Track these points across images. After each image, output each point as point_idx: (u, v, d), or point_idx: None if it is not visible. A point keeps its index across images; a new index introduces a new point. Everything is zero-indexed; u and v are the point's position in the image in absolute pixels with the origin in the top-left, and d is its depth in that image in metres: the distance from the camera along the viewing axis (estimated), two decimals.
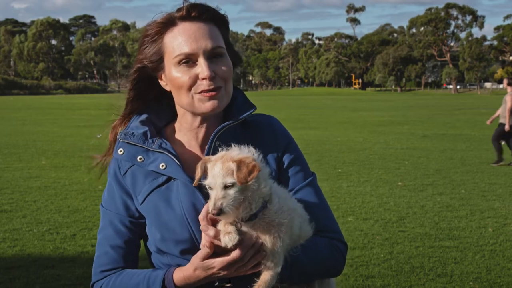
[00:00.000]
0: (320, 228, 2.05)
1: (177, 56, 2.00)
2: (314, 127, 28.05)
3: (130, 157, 2.07)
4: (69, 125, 28.91)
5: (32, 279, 6.17)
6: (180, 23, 2.02)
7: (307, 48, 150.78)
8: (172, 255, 2.00)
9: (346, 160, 16.07)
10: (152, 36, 2.06)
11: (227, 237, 1.79)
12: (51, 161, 15.59)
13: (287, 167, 2.11)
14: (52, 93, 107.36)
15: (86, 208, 9.60)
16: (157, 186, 2.03)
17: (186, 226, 1.97)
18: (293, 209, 1.91)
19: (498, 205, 10.01)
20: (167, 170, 2.01)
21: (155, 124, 2.15)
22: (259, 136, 2.11)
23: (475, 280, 6.24)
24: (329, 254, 2.03)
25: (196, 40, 1.99)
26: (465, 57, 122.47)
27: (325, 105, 55.65)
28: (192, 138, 2.11)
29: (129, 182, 2.07)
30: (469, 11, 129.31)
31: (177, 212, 1.98)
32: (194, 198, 1.98)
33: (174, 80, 2.02)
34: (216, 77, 1.99)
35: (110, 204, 2.10)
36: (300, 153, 2.18)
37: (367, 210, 9.54)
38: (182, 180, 1.99)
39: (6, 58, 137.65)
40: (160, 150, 2.04)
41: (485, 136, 23.30)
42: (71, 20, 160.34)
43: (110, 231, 2.08)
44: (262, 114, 2.20)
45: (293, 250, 1.92)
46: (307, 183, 2.12)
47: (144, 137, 2.07)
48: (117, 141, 2.11)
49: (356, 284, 6.09)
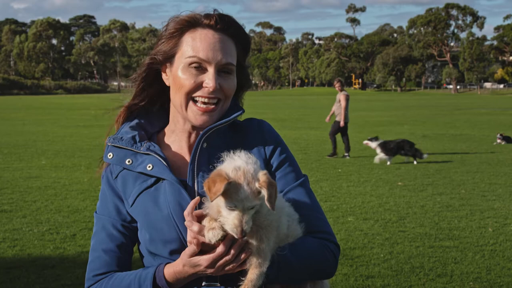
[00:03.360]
0: (311, 229, 2.02)
1: (190, 57, 2.01)
2: (314, 127, 28.04)
3: (119, 160, 2.09)
4: (69, 125, 28.92)
5: (32, 279, 6.17)
6: (204, 28, 2.04)
7: (307, 48, 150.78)
8: (161, 257, 2.01)
9: (346, 160, 16.09)
10: (172, 32, 2.06)
11: (211, 233, 1.80)
12: (51, 161, 15.59)
13: (277, 168, 2.10)
14: (52, 93, 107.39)
15: (86, 208, 9.60)
16: (146, 188, 2.05)
17: (173, 225, 1.98)
18: (280, 207, 1.90)
19: (498, 205, 10.01)
20: (153, 171, 2.03)
21: (146, 130, 2.17)
22: (248, 138, 2.12)
23: (475, 280, 6.24)
24: (319, 254, 2.00)
25: (214, 50, 2.00)
26: (465, 57, 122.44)
27: (325, 105, 55.62)
28: (183, 139, 2.12)
29: (120, 185, 2.09)
30: (470, 11, 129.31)
31: (164, 212, 1.99)
32: (180, 198, 1.99)
33: (178, 79, 2.03)
34: (218, 89, 2.01)
35: (103, 208, 2.12)
36: (290, 155, 2.16)
37: (367, 210, 9.54)
38: (169, 180, 2.01)
39: (7, 58, 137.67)
40: (148, 152, 2.06)
41: (485, 136, 23.31)
42: (71, 20, 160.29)
43: (103, 236, 2.09)
44: (253, 118, 2.21)
45: (281, 249, 1.90)
46: (298, 184, 2.10)
47: (132, 141, 2.09)
48: (106, 146, 2.13)
49: (356, 284, 6.09)
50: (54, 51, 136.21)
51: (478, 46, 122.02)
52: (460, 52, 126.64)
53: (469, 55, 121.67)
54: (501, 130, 22.40)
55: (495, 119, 35.17)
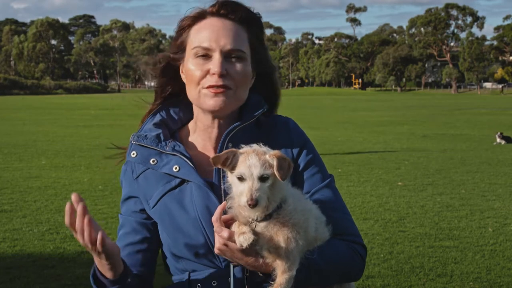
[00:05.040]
0: (338, 231, 1.99)
1: (195, 48, 1.98)
2: (314, 127, 28.03)
3: (143, 160, 2.04)
4: (69, 125, 28.90)
5: (32, 279, 6.17)
6: (208, 17, 2.01)
7: (307, 48, 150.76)
8: (187, 260, 1.98)
9: (346, 160, 16.07)
10: (182, 29, 2.05)
11: (242, 237, 1.75)
12: (51, 161, 15.59)
13: (303, 169, 2.05)
14: (52, 93, 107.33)
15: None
16: (170, 189, 2.00)
17: (200, 229, 1.93)
18: (308, 210, 1.86)
19: (498, 205, 10.01)
20: (180, 172, 1.98)
21: (169, 126, 2.12)
22: (273, 136, 2.06)
23: (475, 280, 6.24)
24: (348, 257, 1.97)
25: (218, 37, 1.96)
26: (465, 57, 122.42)
27: (325, 105, 55.61)
28: (206, 138, 2.07)
29: (141, 185, 2.05)
30: (470, 11, 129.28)
31: (191, 215, 1.95)
32: (208, 201, 1.94)
33: (188, 72, 2.01)
34: (227, 76, 1.96)
35: (126, 207, 2.10)
36: (316, 154, 2.11)
37: (367, 210, 9.54)
38: (196, 182, 1.96)
39: (7, 58, 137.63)
40: (173, 153, 2.01)
41: (485, 136, 23.30)
42: (71, 20, 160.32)
43: (121, 233, 2.09)
44: (278, 115, 2.17)
45: (310, 253, 1.86)
46: (325, 185, 2.05)
47: (157, 140, 2.05)
48: (130, 144, 2.09)
49: (356, 284, 6.06)
50: (54, 51, 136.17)
51: (478, 46, 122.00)
52: (460, 52, 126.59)
53: (469, 55, 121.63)
54: (501, 130, 22.38)
55: (495, 119, 35.16)
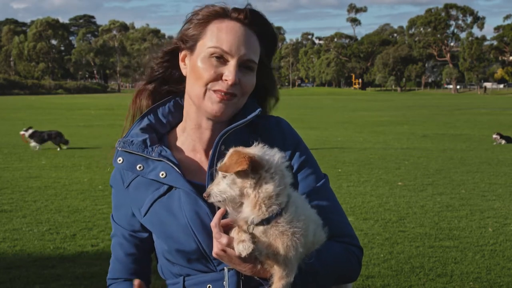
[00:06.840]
0: (334, 233, 1.98)
1: (213, 48, 1.93)
2: (314, 127, 28.04)
3: (130, 166, 2.01)
4: (69, 125, 28.89)
5: (32, 279, 6.17)
6: (232, 20, 1.97)
7: (307, 48, 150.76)
8: (180, 265, 1.98)
9: (346, 160, 16.07)
10: (200, 18, 1.99)
11: (241, 246, 1.73)
12: (51, 161, 15.59)
13: (297, 170, 2.03)
14: (52, 93, 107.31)
15: (86, 208, 9.60)
16: (159, 197, 1.98)
17: (191, 235, 1.92)
18: (307, 215, 1.85)
19: (498, 205, 10.01)
20: (167, 179, 1.96)
21: (157, 131, 2.09)
22: (267, 138, 2.01)
23: (475, 280, 6.24)
24: (344, 260, 1.97)
25: (239, 43, 1.93)
26: (465, 57, 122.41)
27: (325, 105, 55.62)
28: (196, 139, 2.04)
29: (132, 195, 2.03)
30: (470, 11, 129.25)
31: (180, 222, 1.93)
32: (197, 207, 1.93)
33: (197, 69, 1.96)
34: (237, 85, 1.94)
35: (115, 214, 2.10)
36: (310, 155, 2.10)
37: (367, 210, 9.54)
38: (183, 189, 1.94)
39: (7, 58, 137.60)
40: (160, 158, 1.98)
41: (485, 136, 23.30)
42: (71, 20, 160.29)
43: (115, 242, 2.10)
44: (270, 115, 2.15)
45: (307, 257, 1.85)
46: (320, 186, 2.04)
47: (143, 145, 2.01)
48: (116, 150, 2.05)
49: (356, 284, 6.09)
50: (54, 51, 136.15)
51: (478, 46, 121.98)
52: (460, 52, 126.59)
53: (469, 55, 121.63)
54: (501, 130, 22.38)
55: (495, 119, 35.17)
